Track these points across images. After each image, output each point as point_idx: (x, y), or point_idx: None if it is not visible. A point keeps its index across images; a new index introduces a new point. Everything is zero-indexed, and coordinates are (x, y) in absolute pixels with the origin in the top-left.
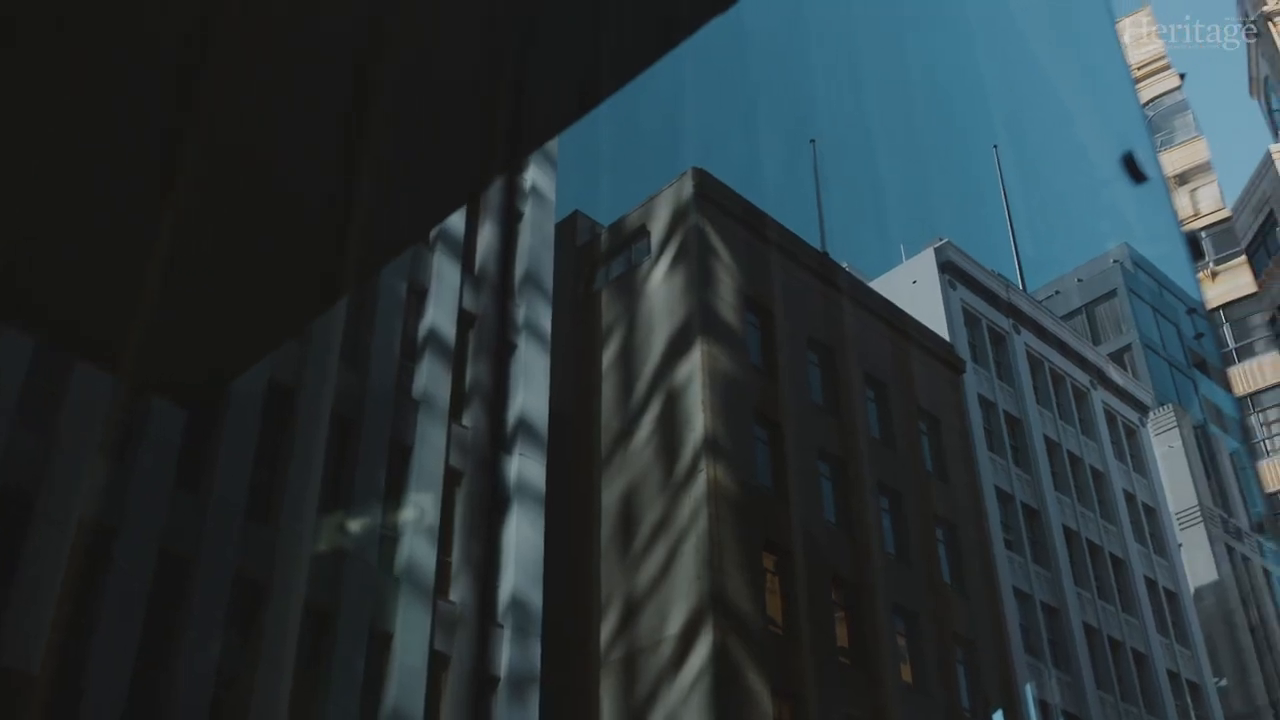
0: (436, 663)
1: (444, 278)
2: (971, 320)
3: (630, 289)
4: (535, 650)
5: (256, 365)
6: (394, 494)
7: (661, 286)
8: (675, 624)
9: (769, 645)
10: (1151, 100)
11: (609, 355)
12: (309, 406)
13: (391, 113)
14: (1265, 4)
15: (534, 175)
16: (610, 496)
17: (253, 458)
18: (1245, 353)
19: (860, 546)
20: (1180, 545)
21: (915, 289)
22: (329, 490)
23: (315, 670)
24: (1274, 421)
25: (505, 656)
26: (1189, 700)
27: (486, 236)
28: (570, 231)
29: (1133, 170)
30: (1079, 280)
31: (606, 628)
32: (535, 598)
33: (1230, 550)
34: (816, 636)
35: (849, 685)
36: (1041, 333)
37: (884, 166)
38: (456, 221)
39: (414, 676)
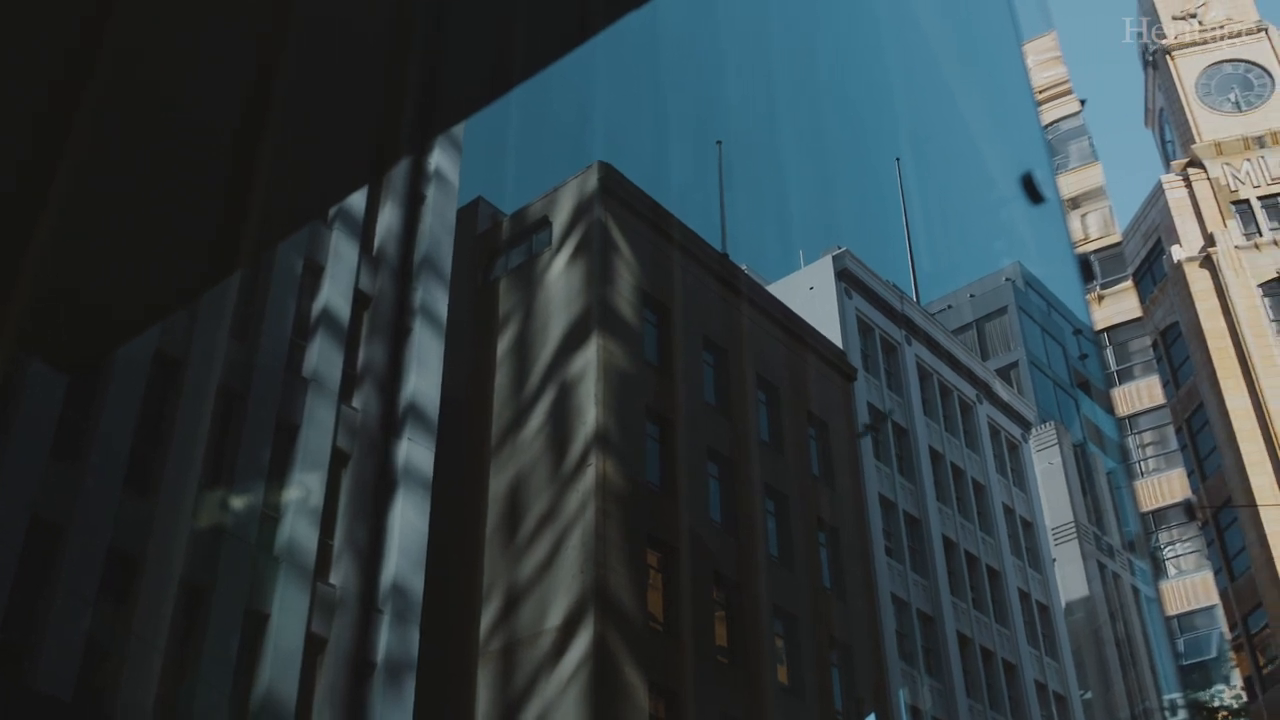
0: (312, 645)
1: (341, 257)
2: (865, 329)
3: (529, 279)
4: (414, 637)
5: (143, 334)
6: (278, 473)
7: (561, 278)
8: (556, 616)
9: (649, 642)
10: (1051, 124)
11: (504, 344)
12: (195, 379)
13: (298, 87)
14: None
15: (438, 159)
16: (498, 486)
17: (134, 428)
18: (1126, 375)
19: (744, 547)
20: (1054, 560)
21: (812, 295)
22: (211, 466)
23: (188, 649)
24: (1149, 444)
25: (383, 642)
26: (1054, 711)
27: (387, 217)
28: (472, 218)
29: (1031, 191)
30: (971, 296)
31: (487, 617)
32: (417, 584)
33: (1102, 567)
34: (696, 635)
35: (726, 684)
36: (933, 345)
37: (789, 172)
38: (357, 201)
39: (289, 659)
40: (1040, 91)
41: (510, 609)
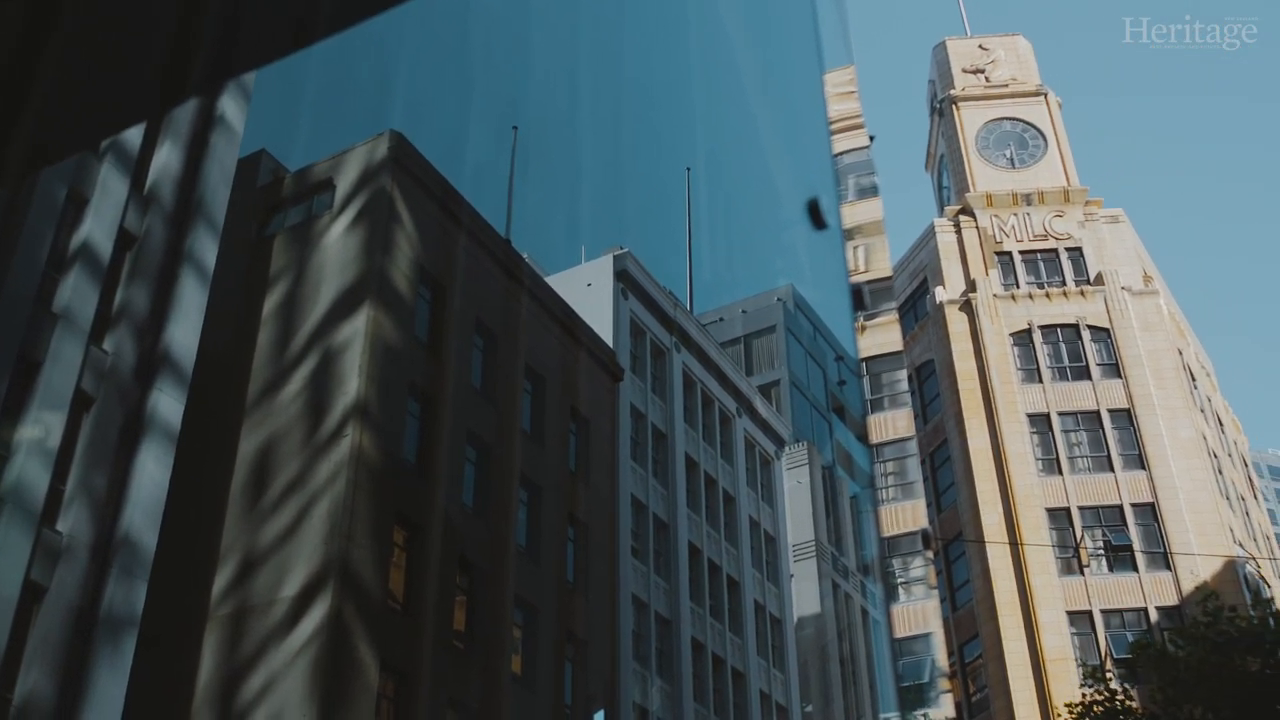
0: (30, 593)
1: (109, 191)
2: (637, 332)
3: (305, 240)
4: (140, 593)
5: None
6: (13, 410)
7: (338, 243)
8: (293, 586)
9: (386, 620)
10: (840, 154)
11: (271, 303)
12: None
13: (87, 5)
14: (953, 87)
15: (225, 104)
16: (248, 446)
17: None
18: (878, 405)
19: (494, 535)
20: (792, 576)
21: (589, 292)
22: None
23: None
24: (891, 473)
25: (108, 596)
26: None
27: (163, 157)
28: (253, 170)
29: (815, 217)
30: (744, 311)
31: (221, 580)
32: (150, 539)
33: (836, 587)
34: (435, 618)
35: (459, 669)
36: (701, 355)
37: (583, 168)
38: (132, 136)
39: (3, 606)
40: (833, 122)
41: (246, 574)
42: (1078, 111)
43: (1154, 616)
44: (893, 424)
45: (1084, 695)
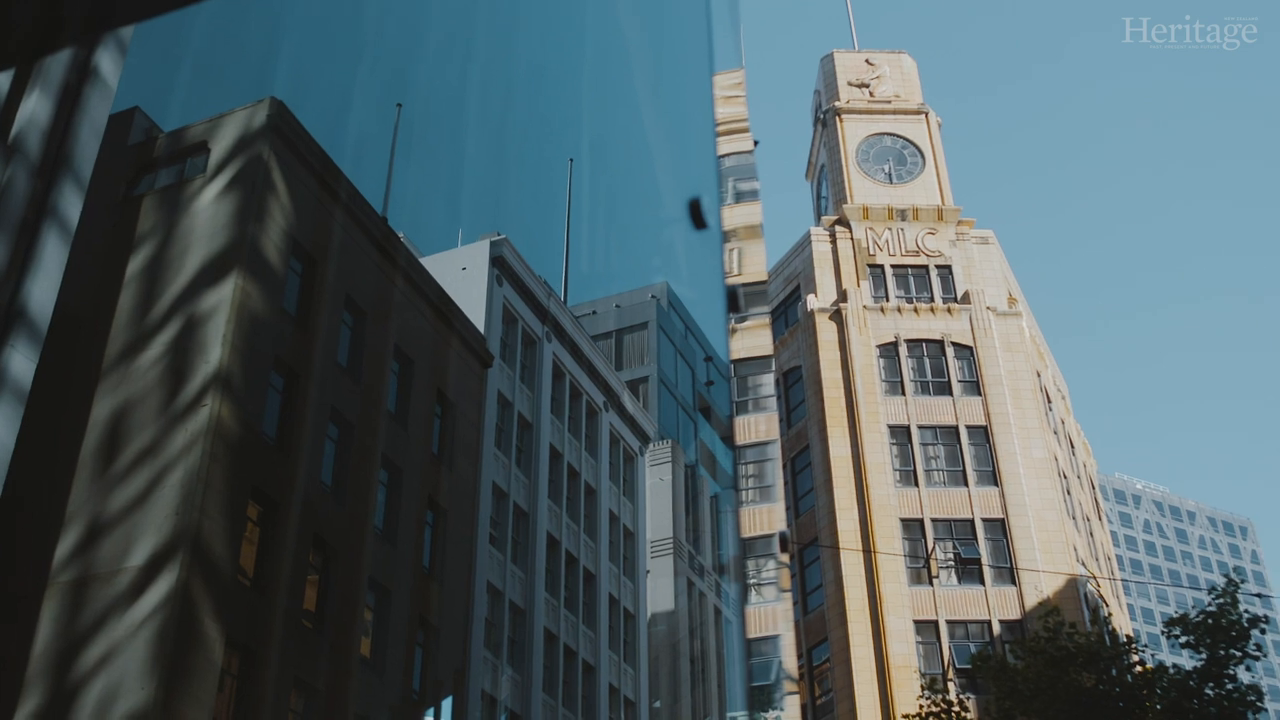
0: None
1: None
2: (509, 319)
3: (175, 203)
4: None
5: None
6: None
7: (209, 208)
8: (140, 556)
9: (235, 596)
10: (724, 156)
11: (135, 264)
12: None
13: None
14: (838, 100)
15: (100, 57)
16: (102, 410)
17: None
18: (743, 408)
19: (351, 515)
20: (648, 572)
21: (463, 276)
22: None
23: None
24: (751, 475)
25: None
26: (624, 715)
27: (31, 106)
28: (125, 127)
29: (696, 216)
30: (617, 306)
31: (64, 546)
32: None
33: (691, 585)
34: (286, 596)
35: (307, 649)
36: (572, 347)
37: (466, 149)
38: None
39: None
40: (719, 124)
41: (91, 540)
42: (956, 126)
43: (997, 629)
44: (755, 427)
45: (920, 706)
